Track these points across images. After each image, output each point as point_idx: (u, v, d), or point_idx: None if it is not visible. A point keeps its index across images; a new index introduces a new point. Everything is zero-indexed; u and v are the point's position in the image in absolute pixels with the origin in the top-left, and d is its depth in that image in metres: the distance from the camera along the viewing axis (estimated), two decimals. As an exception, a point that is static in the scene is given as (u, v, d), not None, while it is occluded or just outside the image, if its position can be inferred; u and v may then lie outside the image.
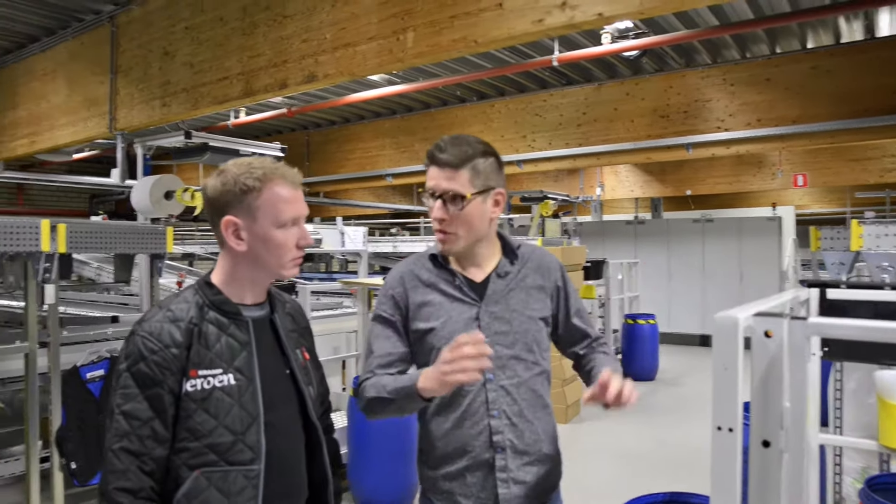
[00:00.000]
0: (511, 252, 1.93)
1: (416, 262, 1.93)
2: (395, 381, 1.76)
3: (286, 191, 1.60)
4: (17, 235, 3.38)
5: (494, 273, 1.89)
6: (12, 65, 7.28)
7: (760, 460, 1.46)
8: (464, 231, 1.82)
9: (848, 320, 1.42)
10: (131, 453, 1.50)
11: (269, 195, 1.58)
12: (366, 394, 1.80)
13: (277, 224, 1.59)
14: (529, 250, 1.98)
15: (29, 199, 13.25)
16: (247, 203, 1.57)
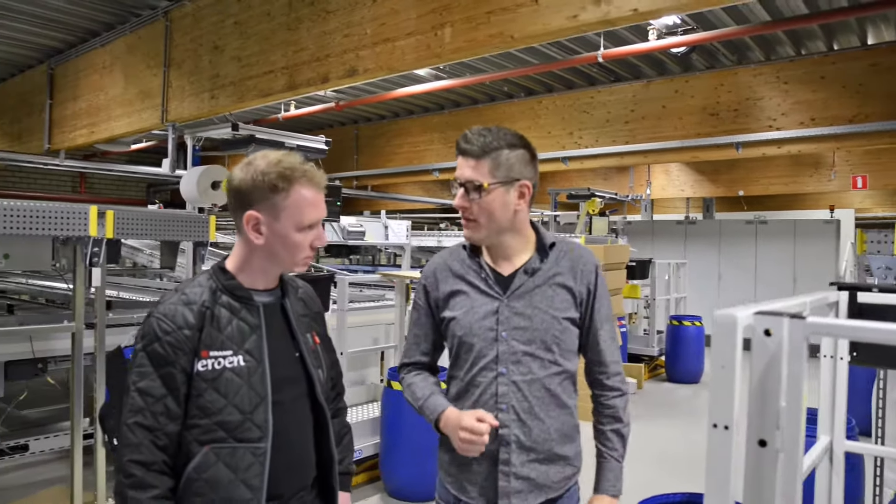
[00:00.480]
0: (543, 249, 1.91)
1: (452, 253, 1.97)
2: (424, 401, 1.93)
3: (311, 194, 1.65)
4: (68, 220, 3.54)
5: (522, 269, 1.88)
6: (74, 59, 7.59)
7: (756, 459, 1.45)
8: (485, 220, 1.83)
9: (845, 321, 1.40)
10: (145, 428, 1.58)
11: (296, 198, 1.63)
12: (404, 391, 2.02)
13: (298, 227, 1.64)
14: (567, 247, 1.94)
15: (90, 188, 13.78)
16: (273, 202, 1.63)
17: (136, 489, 1.56)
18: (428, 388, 1.94)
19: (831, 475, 2.54)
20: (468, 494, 1.87)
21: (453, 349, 1.92)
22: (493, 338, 1.84)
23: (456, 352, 1.90)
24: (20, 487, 4.76)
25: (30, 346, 3.82)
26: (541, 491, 1.86)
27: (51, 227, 3.45)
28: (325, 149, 6.19)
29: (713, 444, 1.48)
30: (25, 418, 4.56)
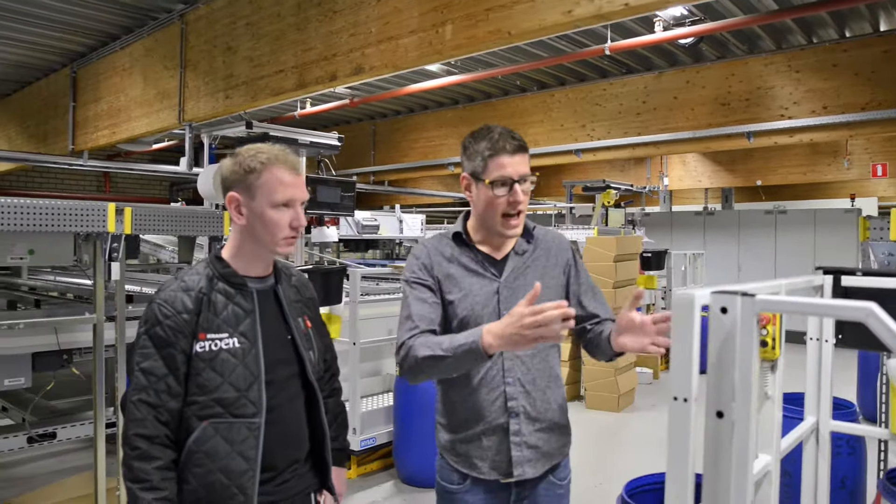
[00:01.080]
0: (527, 233, 2.07)
1: (439, 241, 2.08)
2: (450, 340, 1.80)
3: (285, 175, 1.78)
4: (88, 217, 3.70)
5: (513, 251, 2.03)
6: (96, 62, 7.81)
7: (715, 430, 1.55)
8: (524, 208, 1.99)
9: (789, 297, 1.48)
10: (149, 405, 1.72)
11: (268, 177, 1.76)
12: (417, 353, 1.83)
13: (272, 204, 1.77)
14: (543, 232, 2.13)
15: (115, 187, 14.10)
16: (248, 182, 1.77)
17: (141, 460, 1.70)
18: (444, 336, 1.88)
19: (817, 454, 2.61)
20: (479, 470, 1.98)
21: (454, 330, 1.99)
22: (496, 316, 1.95)
23: (459, 332, 1.98)
24: (48, 474, 4.98)
25: (55, 339, 3.98)
26: (546, 458, 2.00)
27: (72, 224, 3.62)
28: (337, 145, 6.28)
29: (674, 416, 1.58)
30: (53, 408, 4.73)
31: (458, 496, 2.01)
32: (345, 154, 11.23)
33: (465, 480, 2.00)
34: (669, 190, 13.81)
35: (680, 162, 12.82)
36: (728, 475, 1.51)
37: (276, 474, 1.84)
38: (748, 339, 1.48)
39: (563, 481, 2.07)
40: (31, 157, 8.86)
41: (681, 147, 8.11)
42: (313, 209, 5.53)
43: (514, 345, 1.69)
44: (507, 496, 1.99)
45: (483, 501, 1.99)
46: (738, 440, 1.50)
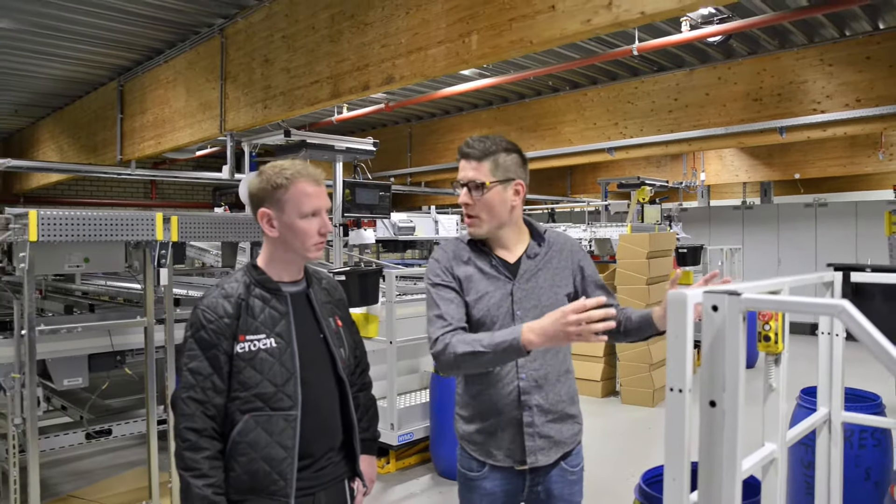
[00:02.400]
0: (538, 236, 2.22)
1: (456, 245, 2.22)
2: (490, 337, 1.92)
3: (309, 187, 1.96)
4: (138, 227, 3.94)
5: (525, 255, 2.18)
6: (141, 75, 8.16)
7: (708, 418, 1.67)
8: (486, 215, 2.12)
9: (771, 296, 1.60)
10: (196, 401, 1.91)
11: (294, 191, 1.94)
12: (455, 349, 1.95)
13: (300, 215, 1.95)
14: (555, 235, 2.27)
15: (161, 193, 14.59)
16: (276, 197, 1.95)
17: (192, 451, 1.89)
18: (482, 333, 2.00)
19: (830, 444, 2.70)
20: (495, 458, 2.15)
21: (471, 330, 2.13)
22: (510, 317, 2.10)
23: (474, 332, 2.10)
24: (105, 469, 5.28)
25: (109, 341, 4.24)
26: (558, 447, 2.15)
27: (123, 233, 3.85)
28: (372, 150, 6.47)
29: (671, 406, 1.72)
30: (109, 406, 5.01)
31: (477, 482, 2.17)
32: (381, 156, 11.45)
33: (483, 468, 2.16)
34: (707, 185, 13.73)
35: (717, 157, 12.74)
36: (720, 460, 1.64)
37: (312, 461, 2.02)
38: (735, 334, 1.60)
39: (576, 468, 2.21)
40: (82, 167, 9.27)
41: (713, 143, 8.12)
42: (352, 212, 5.72)
43: (555, 341, 1.81)
44: (522, 482, 2.15)
45: (500, 486, 2.15)
46: (729, 427, 1.63)
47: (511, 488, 2.16)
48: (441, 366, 2.03)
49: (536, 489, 2.16)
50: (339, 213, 5.61)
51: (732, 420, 1.61)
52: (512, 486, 2.16)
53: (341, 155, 5.77)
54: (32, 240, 3.46)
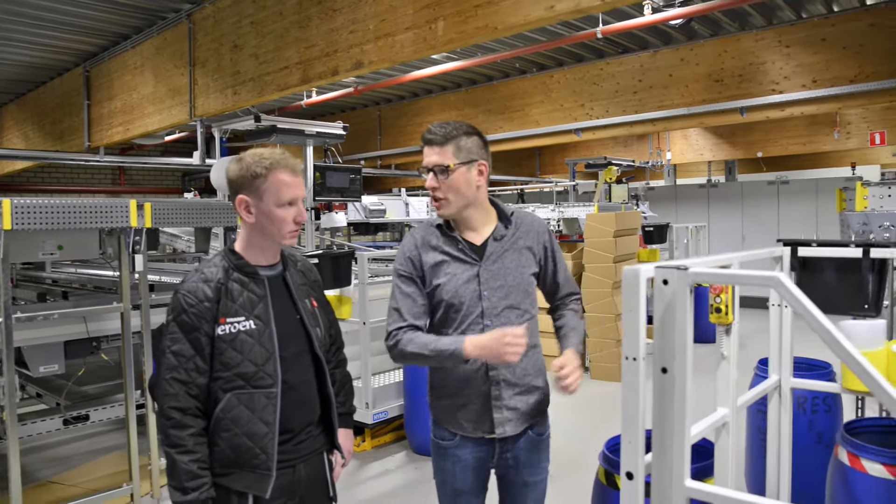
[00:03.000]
0: (505, 218, 2.33)
1: (426, 230, 2.34)
2: (436, 342, 2.13)
3: (288, 177, 2.05)
4: (112, 214, 3.98)
5: (491, 237, 2.29)
6: (108, 61, 8.08)
7: (660, 384, 1.82)
8: (452, 196, 2.23)
9: (715, 269, 1.74)
10: (180, 381, 2.00)
11: (273, 180, 2.03)
12: (405, 347, 2.17)
13: (278, 204, 2.04)
14: (522, 216, 2.38)
15: (130, 179, 14.44)
16: (255, 186, 2.03)
17: (177, 429, 1.98)
18: (430, 336, 2.20)
19: (780, 409, 2.89)
20: (465, 429, 2.28)
21: (440, 311, 2.27)
22: (477, 297, 2.22)
23: (444, 313, 2.26)
24: (84, 454, 5.33)
25: (85, 327, 4.28)
26: (525, 418, 2.29)
27: (97, 221, 3.89)
28: (342, 134, 6.52)
29: (626, 373, 1.86)
30: (85, 393, 5.04)
31: (449, 450, 2.30)
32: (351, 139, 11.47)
33: (454, 437, 2.29)
34: (673, 164, 13.97)
35: (682, 136, 12.98)
36: (671, 421, 1.78)
37: (293, 435, 2.13)
38: (683, 305, 1.75)
39: (542, 436, 2.35)
40: (49, 155, 9.18)
41: (676, 123, 8.30)
42: (323, 195, 5.77)
43: (490, 357, 2.06)
44: (492, 450, 2.29)
45: (471, 454, 2.29)
46: (679, 391, 1.77)
47: (482, 455, 2.29)
48: (393, 356, 2.24)
49: (505, 456, 2.30)
50: (309, 196, 5.66)
51: (682, 384, 1.76)
52: (482, 454, 2.29)
53: (311, 139, 5.81)
54: (6, 228, 3.49)
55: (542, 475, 2.36)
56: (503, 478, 2.36)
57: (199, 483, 1.98)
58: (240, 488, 2.04)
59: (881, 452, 2.83)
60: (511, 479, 2.34)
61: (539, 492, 2.36)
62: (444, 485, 2.35)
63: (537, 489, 2.35)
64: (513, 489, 2.35)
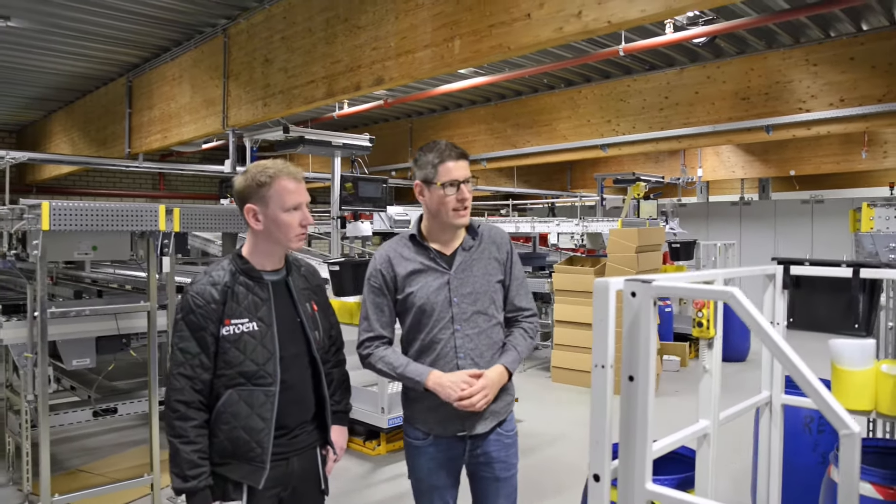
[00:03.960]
0: (472, 230, 2.49)
1: (399, 242, 2.50)
2: (404, 368, 2.36)
3: (291, 184, 2.20)
4: (142, 217, 4.19)
5: (460, 247, 2.45)
6: (149, 72, 8.43)
7: (627, 391, 1.92)
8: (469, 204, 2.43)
9: (673, 283, 1.84)
10: (186, 377, 2.15)
11: (277, 188, 2.18)
12: (375, 363, 2.41)
13: (284, 209, 2.19)
14: (487, 228, 2.55)
15: (168, 185, 14.89)
16: (261, 194, 2.18)
17: (180, 420, 2.14)
18: (402, 358, 2.42)
19: (771, 423, 2.95)
20: (436, 430, 2.42)
21: (411, 317, 2.43)
22: (447, 303, 2.37)
23: (416, 318, 2.42)
24: (111, 447, 5.58)
25: (115, 324, 4.50)
26: (494, 416, 2.43)
27: (128, 224, 4.10)
28: (369, 146, 6.70)
29: (595, 379, 1.97)
30: (114, 387, 5.28)
31: (423, 449, 2.44)
32: (383, 151, 11.74)
33: (427, 437, 2.43)
34: (705, 181, 13.91)
35: (713, 153, 12.93)
36: (635, 425, 1.89)
37: (287, 431, 2.27)
38: (648, 316, 1.85)
39: (510, 432, 2.49)
40: (92, 160, 9.57)
41: (702, 141, 8.34)
42: (355, 205, 5.93)
43: (442, 396, 2.28)
44: (463, 447, 2.42)
45: (443, 451, 2.43)
46: (642, 396, 1.87)
47: (453, 453, 2.43)
48: (361, 363, 2.47)
49: (476, 453, 2.43)
50: (336, 206, 5.83)
51: (645, 390, 1.86)
52: (454, 452, 2.43)
53: (339, 150, 5.99)
54: (45, 229, 3.72)
55: (512, 471, 2.49)
56: (474, 475, 2.50)
57: (199, 472, 2.13)
58: (236, 478, 2.19)
59: (871, 472, 2.87)
60: (483, 476, 2.48)
61: (510, 486, 2.49)
62: (419, 482, 2.50)
63: (508, 484, 2.49)
64: (484, 484, 2.48)
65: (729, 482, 4.72)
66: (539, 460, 5.38)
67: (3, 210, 4.43)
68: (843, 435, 1.49)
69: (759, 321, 1.66)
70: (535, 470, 5.10)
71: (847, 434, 1.48)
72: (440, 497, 2.48)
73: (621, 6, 3.50)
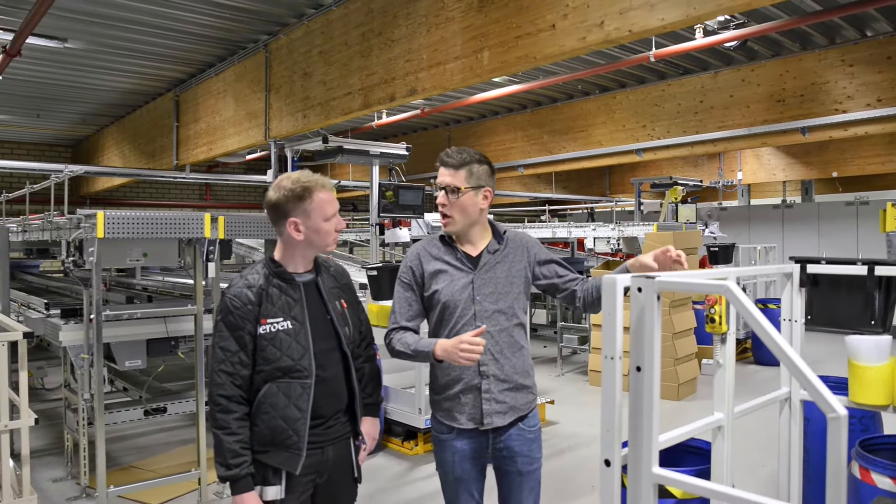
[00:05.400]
0: (498, 235, 2.62)
1: (430, 242, 2.65)
2: (416, 343, 2.45)
3: (327, 195, 2.37)
4: (189, 225, 4.42)
5: (486, 250, 2.58)
6: (195, 87, 8.79)
7: (635, 381, 2.04)
8: (458, 215, 2.52)
9: (675, 278, 1.95)
10: (227, 373, 2.33)
11: (317, 200, 2.34)
12: (394, 346, 2.51)
13: (325, 219, 2.36)
14: (513, 234, 2.66)
15: (215, 195, 15.35)
16: (303, 207, 2.34)
17: (223, 413, 2.31)
18: (415, 337, 2.54)
19: (790, 419, 3.02)
20: (458, 421, 2.55)
21: (437, 313, 2.57)
22: (470, 300, 2.51)
23: (440, 314, 2.56)
24: (161, 445, 5.84)
25: (164, 328, 4.75)
26: (513, 411, 2.54)
27: (176, 231, 4.35)
28: (406, 154, 6.87)
29: (606, 370, 2.10)
30: (164, 388, 5.55)
31: (447, 442, 2.58)
32: (422, 158, 11.92)
33: (451, 431, 2.56)
34: (746, 184, 13.78)
35: (753, 156, 12.82)
36: (642, 413, 2.00)
37: (323, 421, 2.43)
38: (653, 310, 1.97)
39: (533, 428, 2.60)
40: (143, 172, 9.98)
41: (737, 144, 8.32)
42: (396, 212, 6.10)
43: (448, 359, 2.33)
44: (486, 441, 2.55)
45: (467, 445, 2.55)
46: (648, 386, 1.99)
47: (477, 446, 2.56)
48: (388, 352, 2.58)
49: (499, 446, 2.56)
50: (374, 213, 6.01)
51: (651, 380, 1.98)
52: (477, 445, 2.56)
53: (376, 159, 6.18)
54: (100, 237, 3.99)
55: (535, 465, 2.60)
56: (499, 468, 2.62)
57: (241, 460, 2.30)
58: (275, 464, 2.36)
59: (890, 466, 2.92)
60: (506, 469, 2.59)
61: (533, 480, 2.60)
62: (445, 474, 2.62)
63: (532, 478, 2.59)
64: (508, 478, 2.60)
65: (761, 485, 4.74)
66: (576, 459, 5.47)
67: (62, 220, 4.73)
68: (831, 418, 1.57)
69: (753, 312, 1.77)
70: (572, 468, 5.20)
71: (834, 417, 1.57)
72: (465, 489, 2.61)
73: (642, 16, 3.61)
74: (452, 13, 4.83)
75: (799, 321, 3.01)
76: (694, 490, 1.94)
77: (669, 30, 3.64)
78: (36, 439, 5.56)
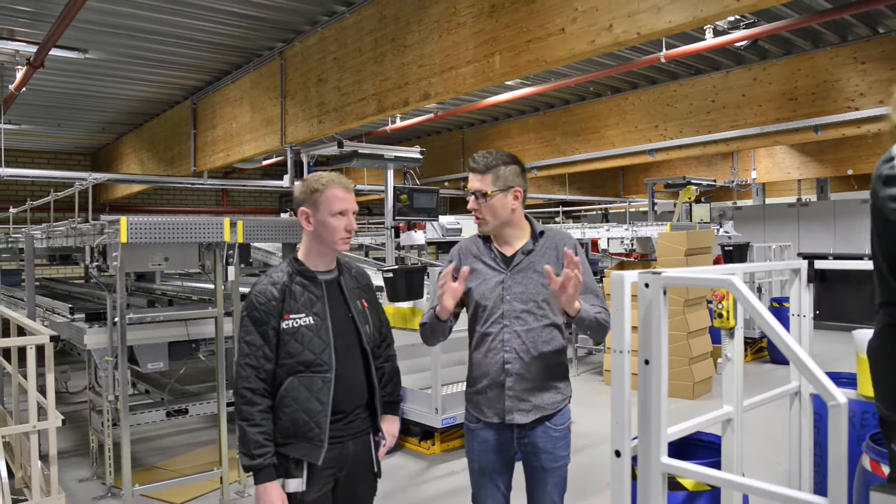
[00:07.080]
0: (535, 235, 2.67)
1: (471, 241, 2.74)
2: (431, 311, 2.63)
3: (340, 192, 2.47)
4: (208, 230, 4.52)
5: (520, 250, 2.65)
6: (212, 94, 8.94)
7: (643, 374, 2.11)
8: (490, 217, 2.61)
9: (680, 274, 2.02)
10: (251, 367, 2.43)
11: (328, 194, 2.45)
12: (422, 325, 2.67)
13: (332, 213, 2.45)
14: (552, 234, 2.71)
15: (231, 201, 15.53)
16: (314, 199, 2.46)
17: (248, 405, 2.41)
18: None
19: (801, 413, 3.07)
20: (485, 414, 2.64)
21: (471, 310, 2.66)
22: (500, 300, 2.59)
23: (474, 311, 2.65)
24: (183, 446, 5.96)
25: (185, 330, 4.86)
26: (536, 410, 2.60)
27: (196, 236, 4.44)
28: (420, 158, 6.94)
29: (615, 363, 2.17)
30: (186, 391, 5.67)
31: (476, 432, 2.67)
32: (436, 162, 12.05)
33: (479, 422, 2.65)
34: (761, 182, 13.75)
35: (767, 154, 12.79)
36: (650, 404, 2.07)
37: (344, 415, 2.51)
38: (659, 305, 2.04)
39: (560, 426, 2.65)
40: (161, 178, 10.15)
41: (750, 143, 8.34)
42: (411, 215, 6.18)
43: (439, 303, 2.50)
44: (511, 435, 2.62)
45: (493, 437, 2.63)
46: (656, 378, 2.06)
47: (502, 439, 2.64)
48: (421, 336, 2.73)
49: (524, 441, 2.63)
50: (389, 216, 6.09)
51: (658, 372, 2.05)
52: (503, 438, 2.63)
53: (391, 163, 6.26)
54: (123, 242, 4.10)
55: (559, 462, 2.66)
56: (526, 462, 2.70)
57: (264, 451, 2.39)
58: (297, 456, 2.44)
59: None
60: (532, 464, 2.67)
61: (558, 476, 2.66)
62: (472, 462, 2.72)
63: (556, 474, 2.66)
64: (534, 473, 2.67)
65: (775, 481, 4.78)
66: (591, 457, 5.53)
67: (86, 226, 4.86)
68: (831, 406, 1.63)
69: (755, 304, 1.83)
70: (589, 465, 5.27)
71: (834, 405, 1.62)
72: (490, 479, 2.70)
73: (649, 19, 3.68)
74: (464, 18, 4.92)
75: (807, 316, 3.06)
76: (701, 478, 2.01)
77: (677, 32, 3.70)
78: (61, 441, 5.69)
